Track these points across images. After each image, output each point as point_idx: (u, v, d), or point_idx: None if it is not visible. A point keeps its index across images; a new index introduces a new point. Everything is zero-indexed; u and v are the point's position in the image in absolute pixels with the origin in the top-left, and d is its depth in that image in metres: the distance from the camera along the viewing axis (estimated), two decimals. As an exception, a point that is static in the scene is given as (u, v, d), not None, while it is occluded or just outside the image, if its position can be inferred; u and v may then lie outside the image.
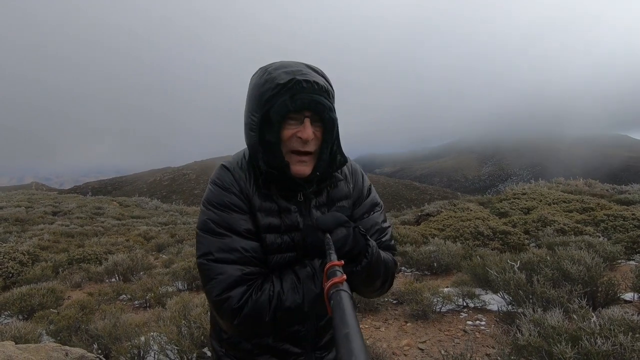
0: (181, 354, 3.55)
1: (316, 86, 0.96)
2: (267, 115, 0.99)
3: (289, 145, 1.00)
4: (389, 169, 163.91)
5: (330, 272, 0.72)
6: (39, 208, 18.37)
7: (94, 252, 8.31)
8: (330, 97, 1.01)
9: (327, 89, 1.00)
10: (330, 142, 1.04)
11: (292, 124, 0.99)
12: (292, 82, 0.95)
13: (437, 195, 56.97)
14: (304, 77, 0.96)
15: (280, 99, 0.96)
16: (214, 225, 1.02)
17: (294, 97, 0.95)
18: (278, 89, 0.96)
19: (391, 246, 1.19)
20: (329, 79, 1.05)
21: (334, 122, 1.01)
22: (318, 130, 1.01)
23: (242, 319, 0.96)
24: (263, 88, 0.98)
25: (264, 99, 0.98)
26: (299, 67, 1.00)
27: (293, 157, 1.01)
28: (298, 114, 0.98)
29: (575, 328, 2.53)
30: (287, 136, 1.00)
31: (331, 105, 1.00)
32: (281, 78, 0.96)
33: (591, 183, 14.54)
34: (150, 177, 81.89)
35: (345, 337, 0.50)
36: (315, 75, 1.00)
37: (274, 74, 0.98)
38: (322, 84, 0.98)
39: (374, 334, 3.98)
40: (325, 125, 1.01)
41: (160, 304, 5.36)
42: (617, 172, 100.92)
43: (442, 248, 6.12)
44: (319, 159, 1.04)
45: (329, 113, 0.99)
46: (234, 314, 0.96)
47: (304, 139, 0.98)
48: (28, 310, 5.05)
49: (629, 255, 5.65)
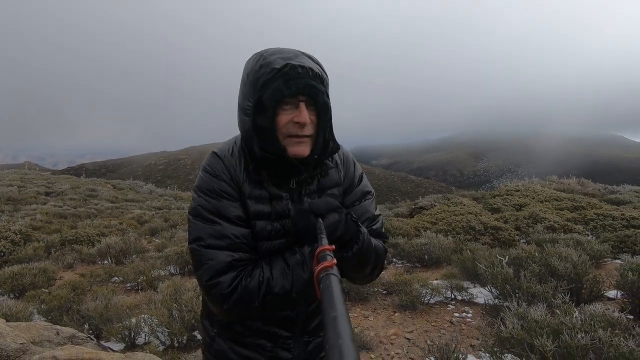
0: (172, 336, 3.60)
1: (311, 72, 0.97)
2: (262, 100, 0.99)
3: (285, 131, 1.01)
4: (385, 161, 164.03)
5: (320, 256, 0.73)
6: (32, 188, 18.23)
7: (87, 234, 8.31)
8: (324, 83, 1.02)
9: (322, 76, 1.01)
10: (324, 126, 1.05)
11: (287, 109, 1.00)
12: (288, 67, 0.95)
13: (432, 189, 57.27)
14: (299, 62, 0.97)
15: (275, 84, 0.96)
16: (205, 212, 1.03)
17: (288, 82, 0.96)
18: (273, 73, 0.96)
19: (382, 234, 1.20)
20: (323, 67, 1.06)
21: (327, 107, 1.02)
22: (313, 114, 1.02)
23: (232, 304, 0.98)
24: (259, 73, 0.99)
25: (259, 84, 0.98)
26: (295, 53, 1.01)
27: (291, 139, 1.02)
28: (292, 99, 0.99)
29: (558, 322, 2.59)
30: (283, 122, 1.00)
31: (325, 90, 1.01)
32: (277, 63, 0.96)
33: (584, 182, 14.69)
34: (145, 161, 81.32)
35: (333, 320, 0.51)
36: (310, 61, 1.01)
37: (269, 59, 0.98)
38: (316, 70, 0.99)
39: (362, 322, 4.06)
40: (319, 110, 1.02)
41: (152, 287, 5.40)
42: (611, 172, 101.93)
43: (433, 241, 6.19)
44: (315, 143, 1.05)
45: (323, 97, 1.00)
46: (224, 299, 0.98)
47: (301, 122, 0.98)
48: (19, 289, 5.06)
49: (615, 254, 5.76)
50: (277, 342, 1.13)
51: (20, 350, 2.82)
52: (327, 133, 1.09)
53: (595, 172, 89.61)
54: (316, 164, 1.11)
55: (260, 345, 1.13)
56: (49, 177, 24.95)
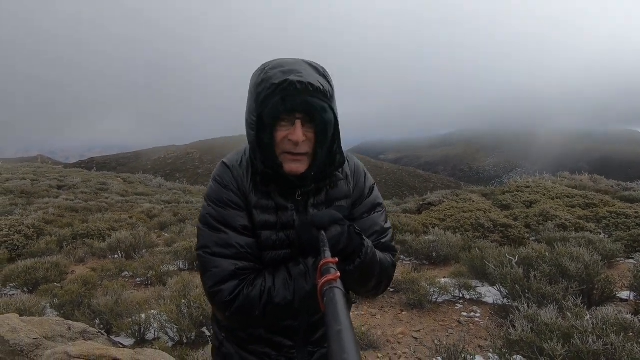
0: (180, 333, 3.64)
1: (310, 87, 0.95)
2: (262, 115, 0.99)
3: (282, 147, 1.01)
4: (393, 156, 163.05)
5: (324, 269, 0.72)
6: (45, 182, 18.55)
7: (98, 228, 8.43)
8: (327, 97, 0.99)
9: (323, 90, 0.97)
10: (324, 142, 1.02)
11: (284, 125, 0.99)
12: (286, 83, 0.94)
13: (441, 184, 56.87)
14: (298, 77, 0.95)
15: (273, 100, 0.96)
16: (213, 221, 1.06)
17: (285, 99, 0.95)
18: (272, 89, 0.95)
19: (391, 247, 1.18)
20: (329, 77, 1.03)
21: (326, 124, 0.99)
22: (310, 131, 1.00)
23: (234, 312, 1.01)
24: (259, 88, 0.98)
25: (260, 99, 0.98)
26: (296, 66, 0.99)
27: (287, 156, 1.02)
28: (289, 116, 0.98)
29: (568, 326, 2.55)
30: (279, 138, 1.00)
31: (325, 106, 0.98)
32: (276, 78, 0.95)
33: (596, 179, 14.41)
34: (155, 155, 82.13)
35: (337, 334, 0.51)
36: (312, 74, 0.98)
37: (270, 73, 0.97)
38: (316, 85, 0.96)
39: (369, 320, 4.06)
40: (317, 127, 1.00)
41: (161, 283, 5.48)
42: (625, 167, 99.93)
43: (441, 238, 6.14)
44: (314, 159, 1.04)
45: (321, 114, 0.98)
46: (226, 306, 1.01)
47: (294, 141, 0.98)
48: (33, 283, 5.17)
49: (628, 253, 5.66)
50: (281, 351, 1.14)
51: (33, 345, 2.88)
52: (336, 146, 1.07)
53: (608, 167, 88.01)
54: (322, 177, 1.10)
55: (265, 353, 1.14)
56: (61, 171, 25.35)
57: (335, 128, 1.05)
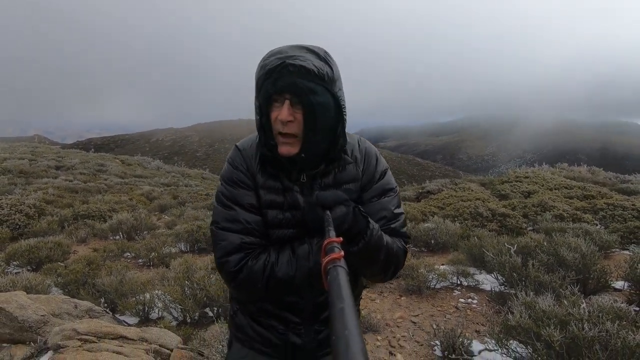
0: (184, 313, 3.71)
1: (303, 70, 0.97)
2: None
3: (275, 128, 1.05)
4: (392, 143, 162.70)
5: (328, 248, 0.73)
6: (43, 162, 18.48)
7: (99, 209, 8.47)
8: (323, 80, 1.00)
9: (319, 73, 0.98)
10: (313, 125, 1.03)
11: (277, 106, 1.03)
12: (280, 66, 0.97)
13: (439, 173, 57.00)
14: (292, 61, 0.97)
15: (267, 83, 1.00)
16: (224, 198, 1.15)
17: (276, 81, 0.98)
18: (268, 73, 0.99)
19: (401, 233, 1.18)
20: (330, 61, 1.04)
21: (313, 106, 1.00)
22: (299, 112, 1.02)
23: (239, 282, 1.08)
24: (259, 74, 1.03)
25: (259, 85, 1.03)
26: (294, 51, 1.00)
27: (279, 138, 1.06)
28: (280, 97, 1.01)
29: (565, 313, 2.62)
30: (272, 119, 1.05)
31: (315, 88, 0.99)
32: (272, 63, 0.99)
33: (594, 171, 14.49)
34: (153, 137, 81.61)
35: (340, 311, 0.51)
36: (309, 59, 0.99)
37: (268, 60, 1.01)
38: (310, 67, 0.97)
39: (369, 305, 4.14)
40: (305, 108, 1.01)
41: (163, 264, 5.54)
42: (620, 159, 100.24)
43: (440, 226, 6.21)
44: (305, 142, 1.05)
45: (307, 95, 0.99)
46: (231, 276, 1.08)
47: (281, 119, 1.01)
48: (36, 262, 5.22)
49: (624, 244, 5.75)
50: (289, 326, 1.18)
51: (41, 322, 2.94)
52: (340, 129, 1.09)
53: (605, 159, 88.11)
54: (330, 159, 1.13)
55: (273, 327, 1.19)
56: (58, 151, 25.23)
57: (338, 112, 1.06)
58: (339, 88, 1.06)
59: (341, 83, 1.08)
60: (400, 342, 3.37)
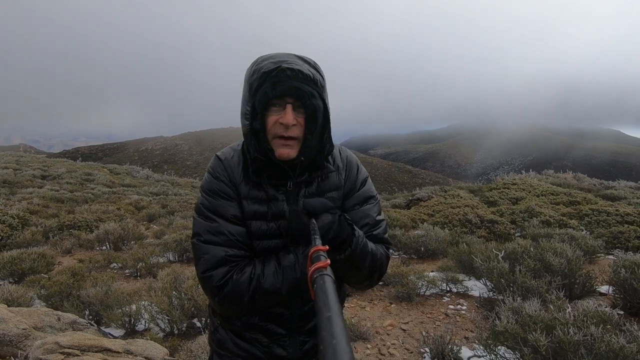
0: (172, 324, 3.65)
1: (300, 74, 0.98)
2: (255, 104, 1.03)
3: (273, 132, 1.04)
4: (382, 151, 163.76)
5: (314, 257, 0.73)
6: (28, 171, 18.12)
7: (85, 219, 8.31)
8: (317, 85, 1.02)
9: (314, 78, 1.01)
10: (314, 128, 1.05)
11: (275, 110, 1.02)
12: (277, 70, 0.98)
13: (429, 180, 57.48)
14: (288, 65, 0.98)
15: (264, 87, 0.99)
16: (205, 210, 1.10)
17: (275, 85, 0.98)
18: (264, 77, 0.99)
19: (384, 239, 1.20)
20: (320, 69, 1.06)
21: (315, 109, 1.03)
22: (301, 116, 1.03)
23: (223, 297, 1.03)
24: (252, 79, 1.02)
25: (253, 89, 1.02)
26: (287, 57, 1.02)
27: (277, 141, 1.05)
28: (280, 100, 1.01)
29: (551, 318, 2.66)
30: (270, 123, 1.03)
31: (314, 92, 1.01)
32: (267, 67, 0.99)
33: (580, 177, 14.80)
34: (142, 146, 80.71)
35: (327, 320, 0.51)
36: (303, 64, 1.02)
37: (261, 64, 1.01)
38: (307, 72, 1.00)
39: (359, 313, 4.13)
40: (307, 112, 1.03)
41: (150, 274, 5.45)
42: (605, 166, 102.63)
43: (430, 233, 6.25)
44: (304, 145, 1.06)
45: (310, 99, 1.01)
46: (215, 291, 1.04)
47: (285, 123, 1.00)
48: (19, 274, 5.09)
49: (608, 249, 5.86)
50: (273, 338, 1.16)
51: (22, 336, 2.86)
52: (326, 134, 1.10)
53: (589, 166, 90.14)
54: (313, 166, 1.13)
55: (257, 340, 1.16)
56: (44, 161, 24.77)
57: (326, 117, 1.08)
58: (327, 95, 1.08)
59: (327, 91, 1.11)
60: (390, 350, 3.35)
